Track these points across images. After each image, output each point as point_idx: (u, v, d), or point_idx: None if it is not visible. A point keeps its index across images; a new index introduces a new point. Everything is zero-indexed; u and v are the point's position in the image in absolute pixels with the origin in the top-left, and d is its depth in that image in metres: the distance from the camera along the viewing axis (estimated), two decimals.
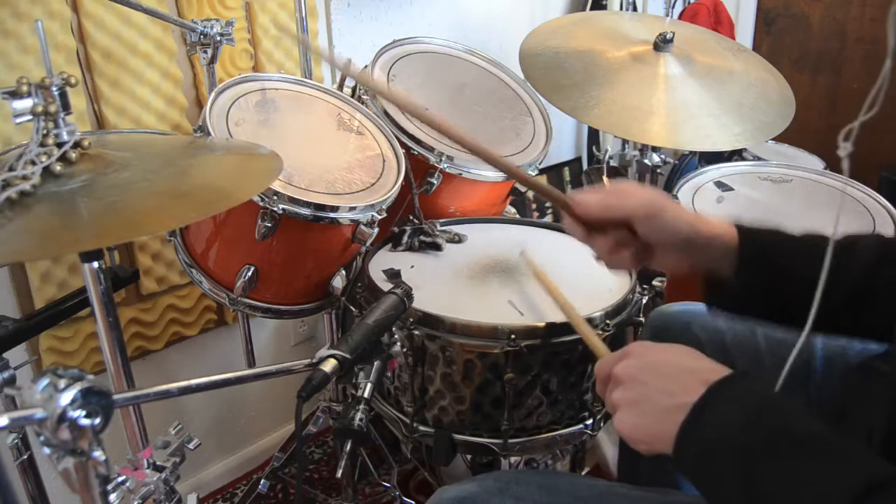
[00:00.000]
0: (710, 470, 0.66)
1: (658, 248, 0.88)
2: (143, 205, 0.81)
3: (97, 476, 0.63)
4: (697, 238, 0.86)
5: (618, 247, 0.89)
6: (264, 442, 1.92)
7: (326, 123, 1.32)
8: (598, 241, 0.90)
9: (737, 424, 0.65)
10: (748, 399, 0.67)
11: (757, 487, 0.61)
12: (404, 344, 1.06)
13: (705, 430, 0.66)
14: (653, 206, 0.86)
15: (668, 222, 0.86)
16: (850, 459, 0.60)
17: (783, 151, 2.13)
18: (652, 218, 0.86)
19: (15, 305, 1.35)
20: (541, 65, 1.55)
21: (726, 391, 0.68)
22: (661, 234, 0.87)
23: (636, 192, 0.87)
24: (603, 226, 0.89)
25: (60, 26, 1.28)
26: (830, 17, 2.88)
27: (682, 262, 0.89)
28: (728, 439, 0.65)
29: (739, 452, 0.63)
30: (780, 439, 0.63)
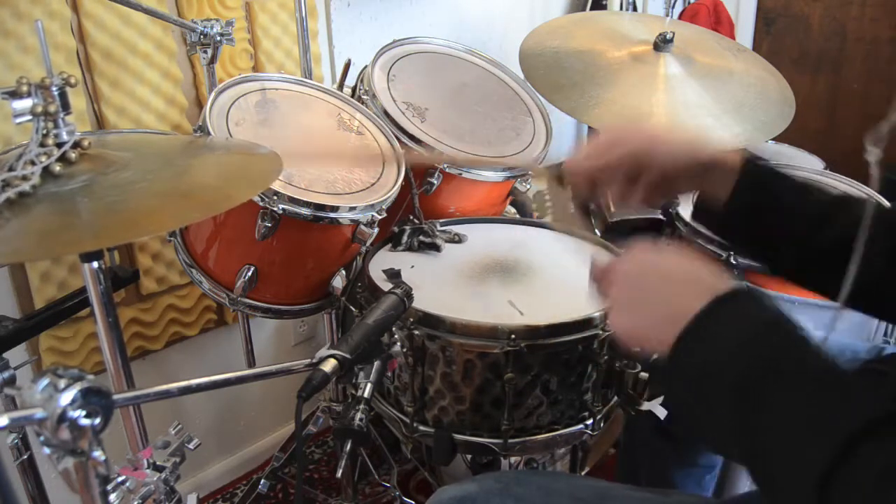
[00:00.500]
0: (702, 385, 0.64)
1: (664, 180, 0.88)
2: (143, 205, 0.80)
3: (97, 476, 0.63)
4: (697, 163, 0.87)
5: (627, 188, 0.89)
6: (264, 442, 1.92)
7: (326, 123, 1.32)
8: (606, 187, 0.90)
9: (735, 341, 0.63)
10: (754, 316, 0.65)
11: (749, 410, 0.59)
12: (404, 344, 1.06)
13: (706, 342, 0.64)
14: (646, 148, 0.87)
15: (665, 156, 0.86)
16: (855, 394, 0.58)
17: (783, 151, 2.13)
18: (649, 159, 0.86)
19: (15, 305, 1.35)
20: (541, 65, 1.55)
21: (733, 304, 0.65)
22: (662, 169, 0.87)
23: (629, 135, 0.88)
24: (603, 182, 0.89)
25: (60, 26, 1.28)
26: (830, 17, 2.88)
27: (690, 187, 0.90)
28: (725, 355, 0.62)
29: (735, 371, 0.61)
30: (778, 362, 0.60)
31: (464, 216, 1.43)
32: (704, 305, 0.65)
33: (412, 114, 1.41)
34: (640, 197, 0.89)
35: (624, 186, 0.89)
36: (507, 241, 1.33)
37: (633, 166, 0.87)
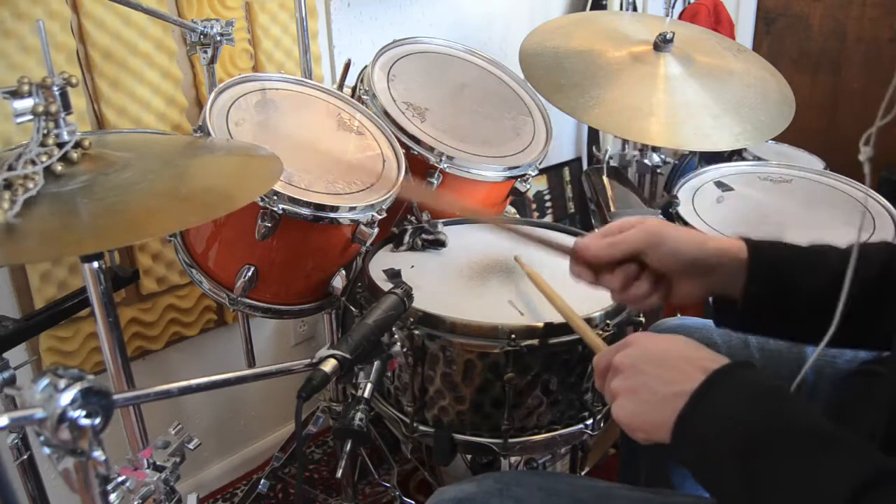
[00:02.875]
0: (708, 459, 0.66)
1: (671, 277, 0.88)
2: (143, 206, 0.80)
3: (97, 476, 0.63)
4: (706, 257, 0.85)
5: (630, 283, 0.88)
6: (264, 442, 1.92)
7: (326, 123, 1.32)
8: (608, 280, 0.89)
9: (735, 413, 0.65)
10: (748, 388, 0.67)
11: (756, 478, 0.61)
12: (404, 344, 1.06)
13: (703, 418, 0.66)
14: (656, 234, 0.86)
15: (672, 246, 0.85)
16: (850, 452, 0.60)
17: (783, 151, 2.13)
18: (657, 245, 0.85)
19: (15, 305, 1.35)
20: (541, 65, 1.55)
21: (726, 379, 0.67)
22: (670, 260, 0.86)
23: (636, 225, 0.87)
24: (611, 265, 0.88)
25: (60, 26, 1.28)
26: (830, 17, 2.88)
27: (696, 287, 0.88)
28: (726, 428, 0.64)
29: (737, 441, 0.63)
30: (779, 429, 0.62)
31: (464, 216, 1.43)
32: (700, 382, 0.67)
33: (412, 114, 1.41)
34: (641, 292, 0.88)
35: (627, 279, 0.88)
36: (507, 241, 1.33)
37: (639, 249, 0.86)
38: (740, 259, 0.85)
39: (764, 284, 0.85)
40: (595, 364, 0.81)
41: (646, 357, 0.74)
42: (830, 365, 1.03)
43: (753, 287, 0.85)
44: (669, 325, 1.20)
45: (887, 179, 2.46)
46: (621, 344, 0.78)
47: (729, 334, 1.12)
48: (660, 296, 0.89)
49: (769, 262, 0.86)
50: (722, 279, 0.86)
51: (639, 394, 0.72)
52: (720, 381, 0.67)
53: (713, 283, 0.87)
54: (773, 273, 0.85)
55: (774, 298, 0.86)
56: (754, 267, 0.85)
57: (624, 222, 0.89)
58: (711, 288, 0.88)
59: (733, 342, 1.11)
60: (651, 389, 0.71)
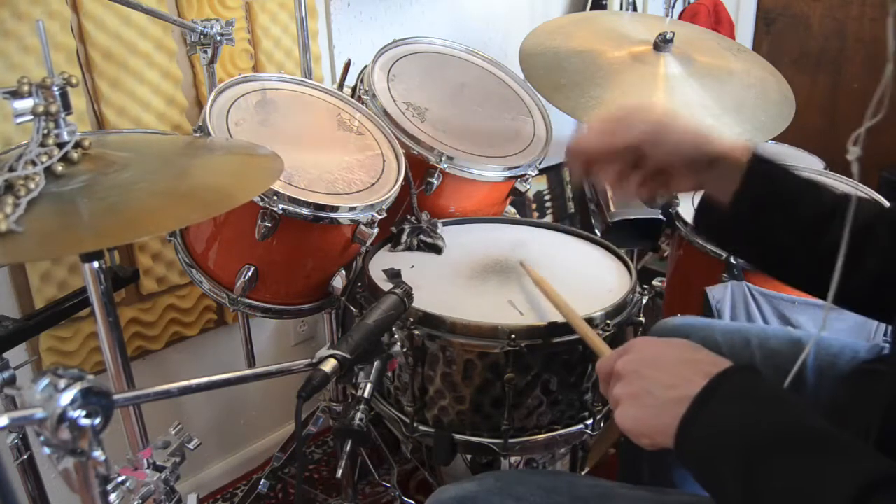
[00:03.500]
0: (710, 462, 0.66)
1: (667, 171, 0.86)
2: (143, 205, 0.80)
3: (97, 476, 0.63)
4: (702, 155, 0.85)
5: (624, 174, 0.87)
6: (264, 442, 1.92)
7: (326, 123, 1.32)
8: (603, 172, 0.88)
9: (737, 417, 0.65)
10: (749, 391, 0.67)
11: (757, 481, 0.61)
12: (404, 344, 1.06)
13: (706, 422, 0.66)
14: (655, 130, 0.84)
15: (674, 141, 0.84)
16: (851, 455, 0.60)
17: (783, 151, 2.13)
18: (658, 140, 0.84)
19: (15, 305, 1.35)
20: (541, 65, 1.55)
21: (727, 383, 0.67)
22: (666, 154, 0.85)
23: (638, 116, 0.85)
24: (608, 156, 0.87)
25: (60, 26, 1.28)
26: (830, 17, 2.88)
27: (692, 182, 0.87)
28: (729, 432, 0.64)
29: (740, 445, 0.63)
30: (780, 433, 0.62)
31: (464, 216, 1.43)
32: (703, 387, 0.67)
33: (412, 114, 1.41)
34: (636, 183, 0.87)
35: (623, 170, 0.86)
36: (507, 241, 1.33)
37: (637, 147, 0.85)
38: (740, 162, 0.85)
39: (753, 196, 0.84)
40: (598, 370, 0.81)
41: (647, 362, 0.74)
42: (831, 366, 1.03)
43: (742, 195, 0.85)
44: (671, 325, 1.20)
45: (887, 179, 2.46)
46: (623, 349, 0.78)
47: (730, 334, 1.12)
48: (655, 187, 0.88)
49: (767, 173, 0.85)
50: (716, 179, 0.86)
51: (641, 399, 0.72)
52: (722, 386, 0.67)
53: (709, 179, 0.87)
54: (766, 185, 0.84)
55: (760, 210, 0.85)
56: (751, 173, 0.85)
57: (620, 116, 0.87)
58: (704, 184, 0.87)
59: (735, 341, 1.11)
60: (653, 395, 0.71)
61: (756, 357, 1.08)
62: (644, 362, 0.74)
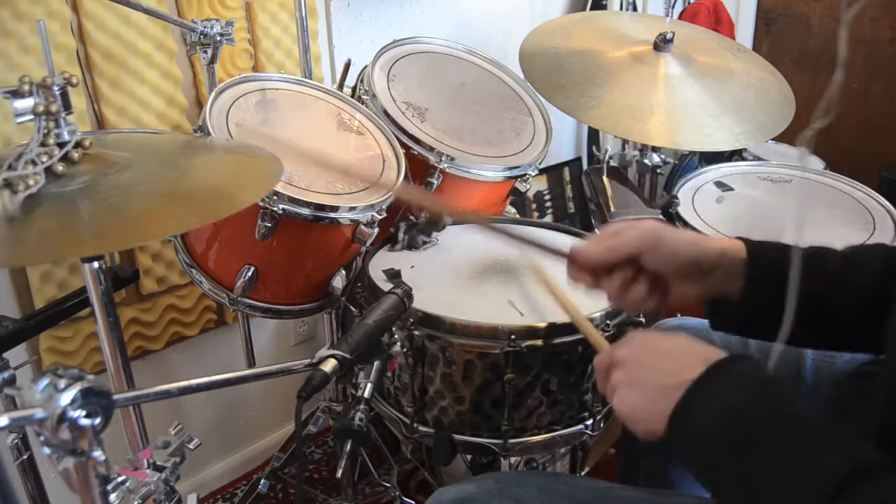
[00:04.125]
0: (703, 447, 0.66)
1: (669, 279, 0.87)
2: (144, 207, 0.80)
3: (97, 476, 0.63)
4: (704, 257, 0.85)
5: (627, 286, 0.88)
6: (264, 442, 1.92)
7: (326, 123, 1.32)
8: (608, 285, 0.89)
9: (733, 404, 0.65)
10: (746, 379, 0.67)
11: (749, 467, 0.62)
12: (404, 344, 1.06)
13: (701, 407, 0.67)
14: (653, 236, 0.85)
15: (670, 248, 0.85)
16: (842, 444, 0.61)
17: (783, 151, 2.13)
18: (655, 248, 0.85)
19: (15, 305, 1.35)
20: (541, 65, 1.55)
21: (724, 371, 0.68)
22: (667, 261, 0.85)
23: (633, 227, 0.87)
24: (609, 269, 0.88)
25: (60, 26, 1.28)
26: (830, 17, 2.88)
27: (694, 288, 0.87)
28: (722, 420, 0.65)
29: (733, 433, 0.64)
30: (775, 421, 0.63)
31: None
32: (698, 375, 0.68)
33: (412, 114, 1.41)
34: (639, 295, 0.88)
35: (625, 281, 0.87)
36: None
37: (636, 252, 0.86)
38: (739, 259, 0.85)
39: (763, 286, 0.85)
40: (596, 364, 0.81)
41: (646, 350, 0.75)
42: (829, 366, 1.03)
43: (752, 289, 0.85)
44: (670, 325, 1.20)
45: (887, 179, 2.46)
46: (621, 342, 0.79)
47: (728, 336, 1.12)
48: (658, 298, 0.89)
49: (768, 263, 0.85)
50: (720, 280, 0.86)
51: (639, 385, 0.73)
52: (717, 373, 0.68)
53: (711, 283, 0.87)
54: (772, 275, 0.84)
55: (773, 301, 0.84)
56: (753, 268, 0.85)
57: (620, 226, 0.88)
58: (709, 288, 0.88)
59: (732, 342, 1.11)
60: (651, 380, 0.72)
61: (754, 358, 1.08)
62: (643, 351, 0.75)
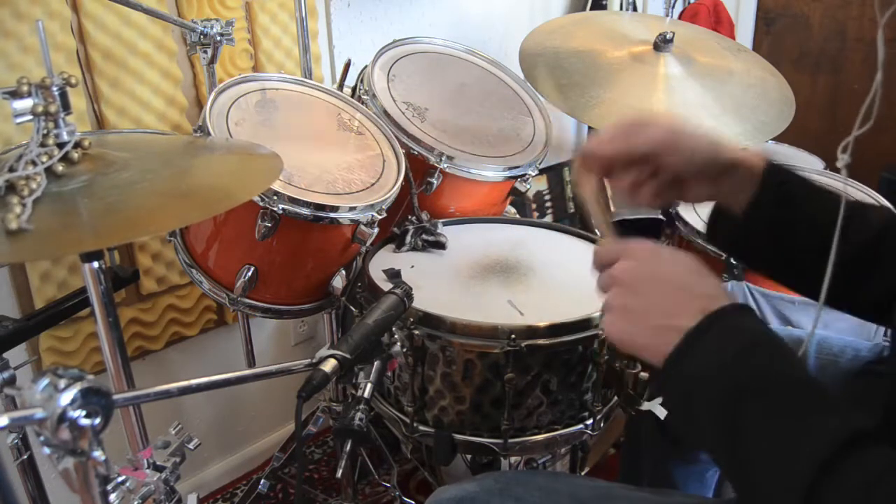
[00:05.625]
0: (692, 400, 0.65)
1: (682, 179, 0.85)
2: (143, 205, 0.80)
3: (97, 476, 0.63)
4: (718, 162, 0.84)
5: (639, 184, 0.86)
6: (264, 442, 1.92)
7: (326, 123, 1.32)
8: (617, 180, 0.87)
9: (727, 359, 0.64)
10: (742, 334, 0.66)
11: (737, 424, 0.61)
12: (404, 344, 1.06)
13: (693, 361, 0.66)
14: (671, 136, 0.83)
15: (690, 147, 0.83)
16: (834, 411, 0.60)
17: (783, 151, 2.13)
18: (674, 147, 0.83)
19: (15, 305, 1.35)
20: (541, 65, 1.55)
21: (721, 323, 0.66)
22: (686, 161, 0.83)
23: (651, 124, 0.84)
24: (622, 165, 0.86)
25: (60, 26, 1.28)
26: (830, 17, 2.88)
27: (703, 191, 0.86)
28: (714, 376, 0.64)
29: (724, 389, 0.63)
30: (767, 379, 0.62)
31: (464, 216, 1.43)
32: (695, 324, 0.66)
33: (412, 114, 1.41)
34: (650, 192, 0.86)
35: (638, 178, 0.85)
36: (507, 241, 1.33)
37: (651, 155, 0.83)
38: (755, 170, 0.84)
39: (772, 202, 0.83)
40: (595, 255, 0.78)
41: (647, 278, 0.72)
42: (832, 364, 1.03)
43: (761, 201, 0.84)
44: None
45: (887, 179, 2.45)
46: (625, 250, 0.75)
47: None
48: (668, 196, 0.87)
49: (782, 180, 0.84)
50: (732, 186, 0.85)
51: (633, 315, 0.71)
52: (715, 324, 0.66)
53: (723, 187, 0.85)
54: (782, 194, 0.83)
55: (776, 218, 0.84)
56: (767, 179, 0.83)
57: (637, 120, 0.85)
58: (719, 192, 0.86)
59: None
60: (646, 315, 0.70)
61: None
62: (644, 278, 0.73)
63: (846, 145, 0.68)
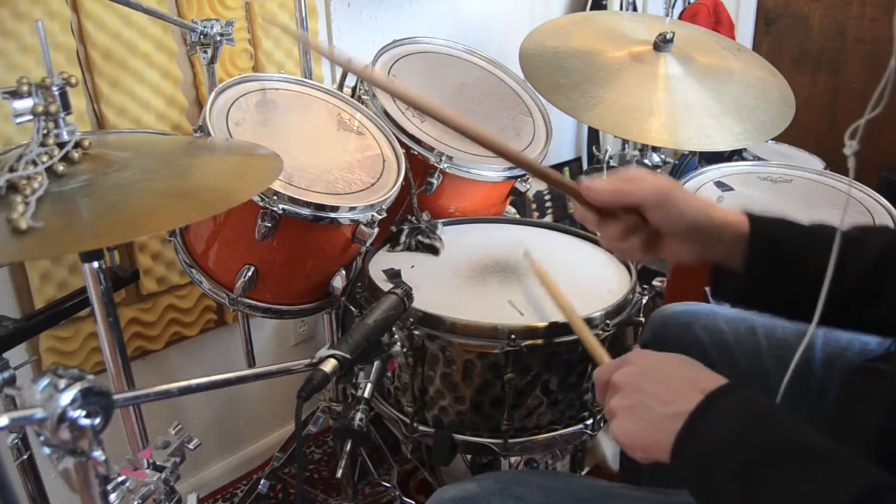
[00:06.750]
0: (706, 478, 0.66)
1: (668, 237, 0.87)
2: (143, 205, 0.81)
3: (97, 476, 0.63)
4: (708, 225, 0.85)
5: (627, 234, 0.88)
6: (264, 442, 1.92)
7: (326, 123, 1.32)
8: (608, 228, 0.88)
9: (733, 434, 0.65)
10: (745, 408, 0.67)
11: (752, 497, 0.62)
12: (404, 344, 1.06)
13: (702, 438, 0.67)
14: (664, 192, 0.85)
15: (678, 208, 0.84)
16: (845, 470, 0.60)
17: (783, 151, 2.13)
18: (663, 204, 0.84)
19: (15, 305, 1.35)
20: (541, 65, 1.55)
21: (724, 400, 0.68)
22: (672, 221, 0.85)
23: (647, 179, 0.86)
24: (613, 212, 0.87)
25: (60, 26, 1.28)
26: (830, 17, 2.88)
27: (691, 252, 0.87)
28: (724, 448, 0.65)
29: (735, 462, 0.64)
30: (776, 449, 0.63)
31: (464, 216, 1.43)
32: (699, 402, 0.68)
33: (412, 114, 1.41)
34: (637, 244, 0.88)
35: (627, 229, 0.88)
36: (507, 241, 1.33)
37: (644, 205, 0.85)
38: (741, 232, 0.85)
39: (765, 259, 0.85)
40: (595, 378, 0.81)
41: (644, 375, 0.74)
42: (839, 357, 1.03)
43: (755, 261, 0.85)
44: (673, 311, 1.19)
45: (887, 179, 2.46)
46: (621, 361, 0.78)
47: (735, 322, 1.12)
48: (652, 252, 0.89)
49: (770, 237, 0.85)
50: (720, 249, 0.86)
51: (637, 413, 0.73)
52: (718, 402, 0.68)
53: (710, 250, 0.87)
54: (773, 248, 0.85)
55: (775, 274, 0.85)
56: (756, 241, 0.85)
57: (635, 173, 0.87)
58: (706, 255, 0.88)
59: (739, 329, 1.11)
60: (649, 409, 0.71)
61: (762, 346, 1.08)
62: (641, 376, 0.75)
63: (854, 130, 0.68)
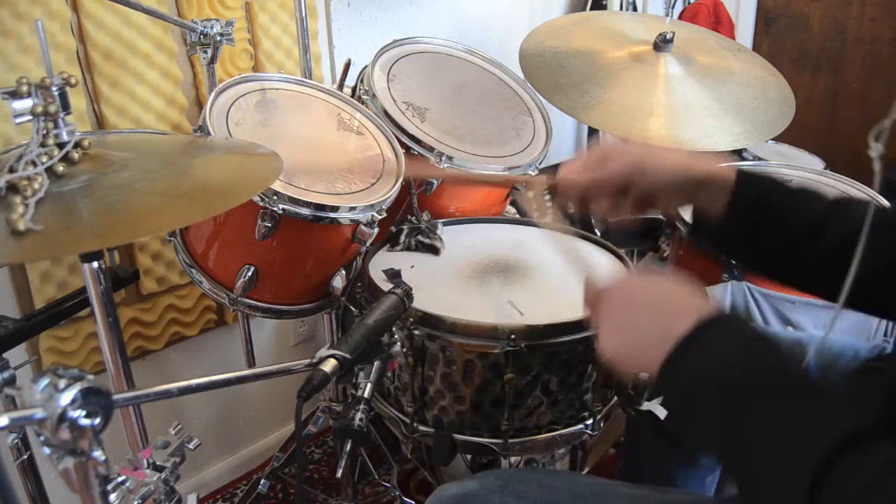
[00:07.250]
0: (691, 401, 0.66)
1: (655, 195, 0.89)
2: (143, 205, 0.80)
3: (97, 476, 0.63)
4: (690, 179, 0.87)
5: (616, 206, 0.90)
6: (264, 442, 1.92)
7: (326, 123, 1.32)
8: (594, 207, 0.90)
9: (723, 359, 0.65)
10: (737, 336, 0.67)
11: (737, 424, 0.61)
12: (404, 344, 1.06)
13: (692, 361, 0.66)
14: (638, 163, 0.87)
15: (657, 173, 0.87)
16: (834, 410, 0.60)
17: (783, 151, 2.13)
18: (640, 174, 0.87)
19: (15, 305, 1.35)
20: (541, 65, 1.55)
21: (716, 326, 0.68)
22: (654, 184, 0.87)
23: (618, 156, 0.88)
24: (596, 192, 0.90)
25: (60, 26, 1.28)
26: (830, 17, 2.88)
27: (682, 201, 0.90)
28: (713, 374, 0.64)
29: (723, 387, 0.63)
30: (765, 379, 0.63)
31: (464, 216, 1.43)
32: (690, 327, 0.67)
33: (412, 114, 1.41)
34: (627, 211, 0.89)
35: (613, 200, 0.89)
36: (507, 241, 1.33)
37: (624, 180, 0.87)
38: (727, 183, 0.87)
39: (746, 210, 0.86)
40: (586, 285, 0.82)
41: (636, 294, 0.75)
42: (832, 365, 1.03)
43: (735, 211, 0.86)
44: None
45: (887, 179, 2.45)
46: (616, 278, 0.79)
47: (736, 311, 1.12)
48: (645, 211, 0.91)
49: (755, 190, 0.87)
50: (706, 196, 0.88)
51: (626, 331, 0.73)
52: (711, 328, 0.67)
53: (697, 198, 0.89)
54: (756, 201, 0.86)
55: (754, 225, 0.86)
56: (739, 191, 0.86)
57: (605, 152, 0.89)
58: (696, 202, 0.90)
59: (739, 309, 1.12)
60: (639, 328, 0.72)
61: None
62: (633, 295, 0.75)
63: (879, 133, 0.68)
